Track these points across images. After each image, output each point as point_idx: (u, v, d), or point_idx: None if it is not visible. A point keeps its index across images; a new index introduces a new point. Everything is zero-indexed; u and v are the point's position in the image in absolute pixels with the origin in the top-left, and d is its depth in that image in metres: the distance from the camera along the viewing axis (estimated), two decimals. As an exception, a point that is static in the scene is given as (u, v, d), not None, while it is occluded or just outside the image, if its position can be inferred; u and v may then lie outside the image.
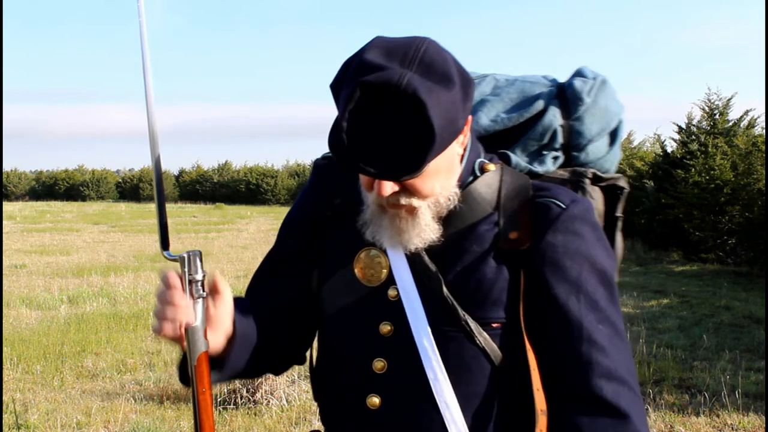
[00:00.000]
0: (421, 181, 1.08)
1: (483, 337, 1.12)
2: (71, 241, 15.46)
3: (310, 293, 1.25)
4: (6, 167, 44.97)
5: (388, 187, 1.07)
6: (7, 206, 30.81)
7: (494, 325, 1.13)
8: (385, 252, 1.17)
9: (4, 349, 5.73)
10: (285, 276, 1.27)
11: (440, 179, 1.11)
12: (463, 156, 1.16)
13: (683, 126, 13.00)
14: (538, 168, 1.29)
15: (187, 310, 1.08)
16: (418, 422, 1.13)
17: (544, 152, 1.30)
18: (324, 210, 1.25)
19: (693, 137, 12.51)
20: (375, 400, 1.15)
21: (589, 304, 1.11)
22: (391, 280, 1.16)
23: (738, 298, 8.13)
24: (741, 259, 10.53)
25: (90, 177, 43.20)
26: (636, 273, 10.49)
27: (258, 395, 4.44)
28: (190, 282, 1.13)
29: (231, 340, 1.14)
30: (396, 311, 1.15)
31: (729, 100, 12.45)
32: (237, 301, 1.18)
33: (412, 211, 1.11)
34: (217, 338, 1.11)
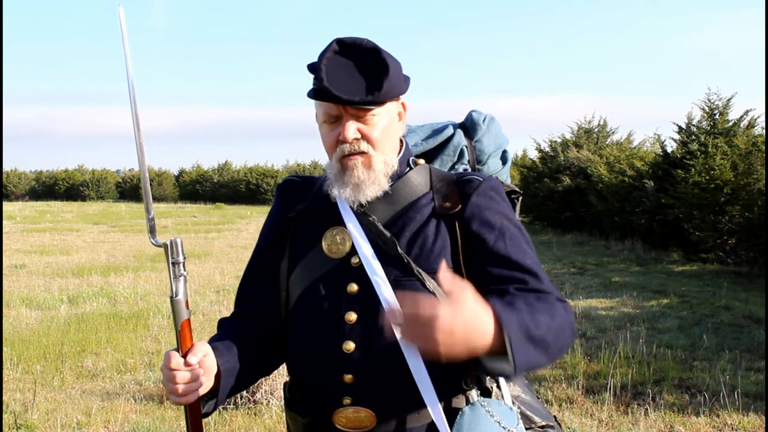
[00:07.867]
0: (375, 130, 1.39)
1: (432, 283, 1.37)
2: (71, 241, 15.47)
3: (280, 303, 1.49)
4: (6, 167, 44.99)
5: (352, 130, 1.37)
6: (7, 206, 30.82)
7: None
8: (346, 228, 1.43)
9: (4, 349, 5.73)
10: (262, 282, 1.53)
11: (388, 140, 1.42)
12: (402, 145, 1.50)
13: (683, 126, 12.99)
14: None
15: (187, 386, 1.29)
16: (384, 357, 1.37)
17: (456, 166, 1.68)
18: (288, 215, 1.52)
19: (693, 137, 12.51)
20: (350, 346, 1.38)
21: (513, 244, 1.41)
22: (353, 251, 1.42)
23: (738, 298, 8.13)
24: (741, 259, 10.53)
25: (90, 177, 43.17)
26: (636, 273, 10.49)
27: (258, 395, 4.44)
28: (173, 264, 1.31)
29: (218, 376, 1.37)
30: (360, 274, 1.40)
31: (729, 100, 12.45)
32: (219, 337, 1.44)
33: (368, 162, 1.40)
34: (209, 381, 1.35)
